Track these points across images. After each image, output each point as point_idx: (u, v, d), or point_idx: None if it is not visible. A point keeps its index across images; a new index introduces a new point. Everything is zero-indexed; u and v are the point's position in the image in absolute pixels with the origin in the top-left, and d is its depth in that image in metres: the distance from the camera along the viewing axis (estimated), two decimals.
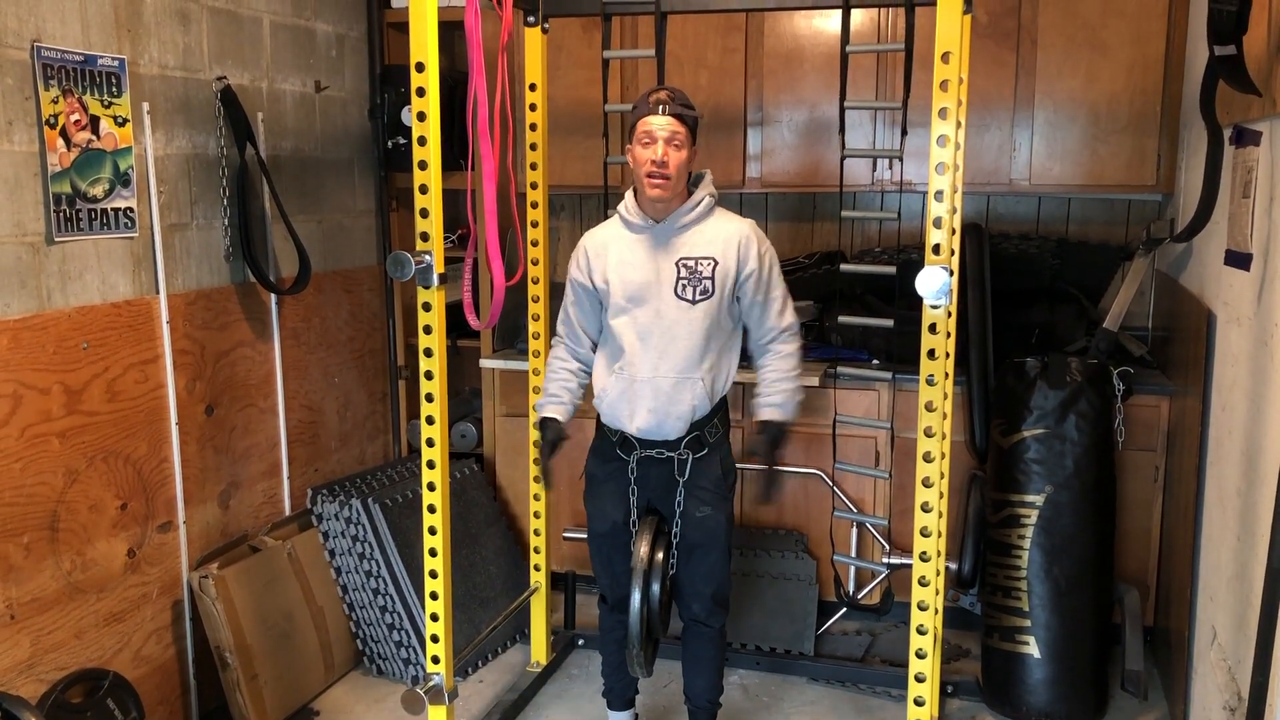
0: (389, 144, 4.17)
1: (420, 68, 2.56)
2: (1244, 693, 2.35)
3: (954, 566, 3.68)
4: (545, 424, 2.95)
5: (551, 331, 3.15)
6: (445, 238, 3.26)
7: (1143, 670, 3.40)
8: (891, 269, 3.17)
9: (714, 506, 2.86)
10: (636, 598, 2.76)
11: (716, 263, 2.76)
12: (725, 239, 2.78)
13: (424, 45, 2.55)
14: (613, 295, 2.82)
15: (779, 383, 2.85)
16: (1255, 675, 2.13)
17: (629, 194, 2.86)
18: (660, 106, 2.71)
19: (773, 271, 2.83)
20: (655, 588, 2.81)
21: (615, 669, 3.08)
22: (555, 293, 3.24)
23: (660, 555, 2.84)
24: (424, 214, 2.64)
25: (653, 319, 2.77)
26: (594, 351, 2.95)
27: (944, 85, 2.41)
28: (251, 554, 3.42)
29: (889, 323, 3.27)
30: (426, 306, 2.70)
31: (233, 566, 3.29)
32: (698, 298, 2.76)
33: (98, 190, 2.88)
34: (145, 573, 3.11)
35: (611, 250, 2.85)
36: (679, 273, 2.77)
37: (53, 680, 2.78)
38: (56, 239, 2.76)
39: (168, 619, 3.21)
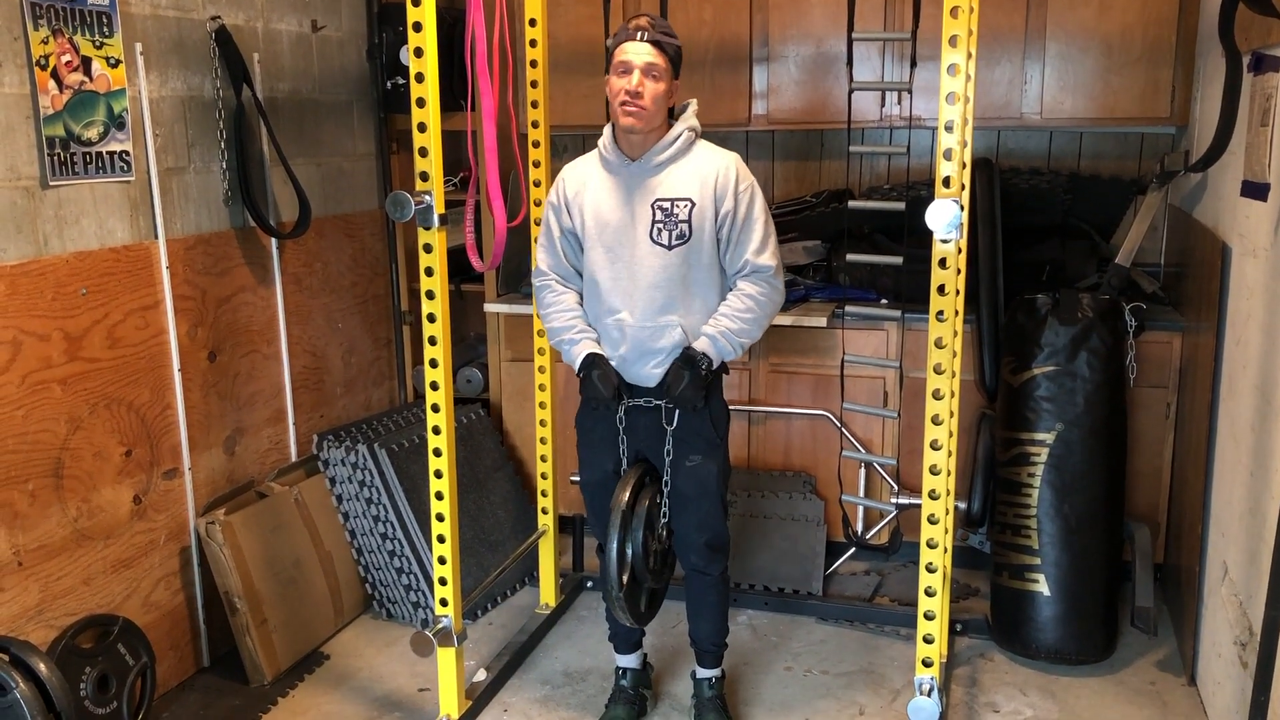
0: (388, 85, 4.10)
1: (416, 2, 2.50)
2: (1256, 627, 2.34)
3: (963, 505, 3.66)
4: (594, 365, 2.70)
5: None
6: (446, 180, 3.21)
7: (1152, 607, 3.39)
8: (900, 205, 3.11)
9: (704, 455, 2.77)
10: (614, 543, 2.66)
11: (694, 204, 2.63)
12: (703, 177, 2.64)
13: None
14: (587, 237, 2.72)
15: (722, 318, 2.67)
16: (1269, 610, 2.12)
17: (607, 129, 2.73)
18: (639, 33, 2.57)
19: (753, 209, 2.67)
20: (639, 535, 2.71)
21: None
22: None
23: (647, 503, 2.75)
24: (423, 153, 2.60)
25: (627, 264, 2.67)
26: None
27: (954, 12, 2.34)
28: (258, 500, 3.42)
29: (898, 260, 3.23)
30: (428, 248, 2.66)
31: (240, 512, 3.29)
32: (674, 242, 2.64)
33: (92, 133, 2.83)
34: (152, 519, 3.11)
35: (588, 190, 2.73)
36: (654, 215, 2.65)
37: (63, 626, 2.79)
38: (51, 183, 2.72)
39: (176, 565, 3.21)
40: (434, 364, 2.75)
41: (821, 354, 3.85)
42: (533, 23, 3.27)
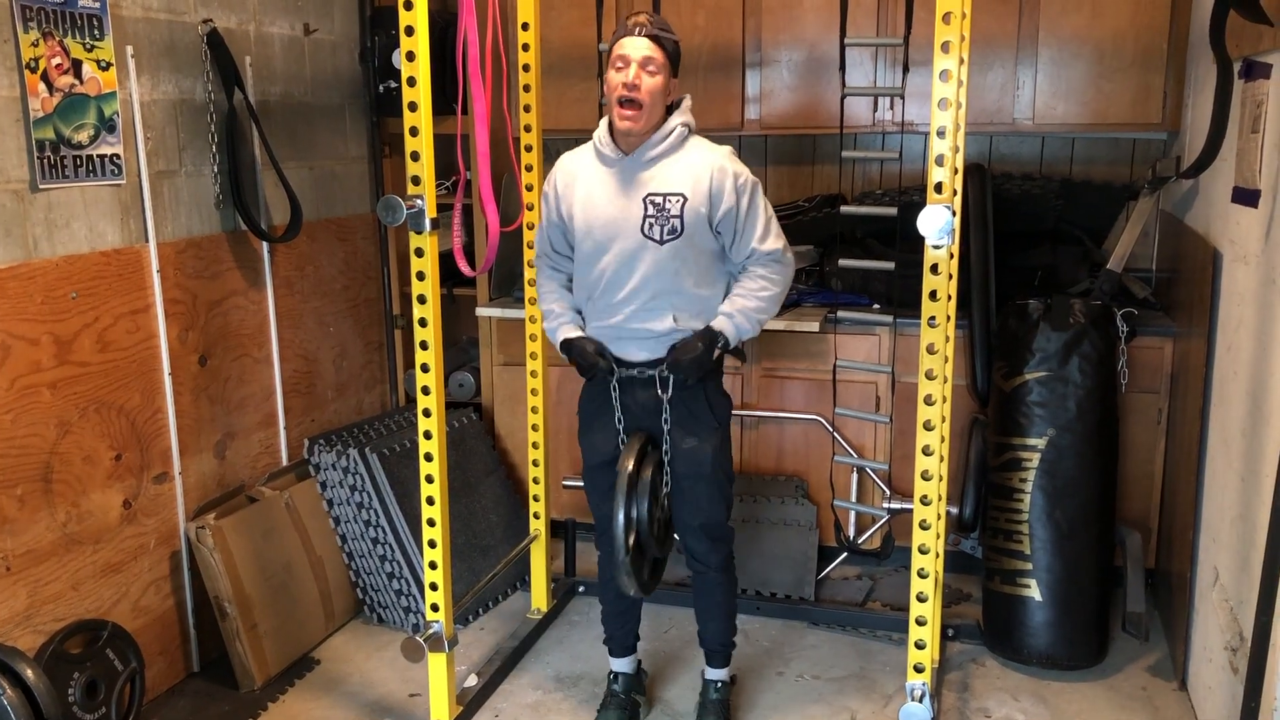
0: (380, 88, 4.09)
1: (409, 5, 2.49)
2: (1246, 632, 2.34)
3: (955, 510, 3.67)
4: (571, 345, 2.79)
5: None
6: (439, 184, 3.20)
7: (1144, 612, 3.40)
8: (892, 210, 3.12)
9: (700, 438, 2.78)
10: (620, 509, 2.66)
11: (685, 199, 2.64)
12: (696, 173, 2.65)
13: None
14: (578, 230, 2.74)
15: (738, 297, 2.72)
16: (1259, 615, 2.12)
17: (603, 122, 2.75)
18: (637, 29, 2.59)
19: (753, 201, 2.69)
20: (644, 502, 2.71)
21: (615, 616, 3.06)
22: None
23: (650, 471, 2.75)
24: (415, 157, 2.59)
25: (619, 257, 2.68)
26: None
27: (946, 18, 2.34)
28: (249, 504, 3.41)
29: (890, 266, 3.23)
30: (419, 252, 2.66)
31: (230, 517, 3.28)
32: (665, 237, 2.64)
33: (82, 136, 2.82)
34: (142, 524, 3.10)
35: (580, 183, 2.75)
36: (646, 210, 2.65)
37: (51, 631, 2.78)
38: (41, 186, 2.71)
39: (166, 570, 3.20)
40: (425, 368, 2.74)
41: (814, 359, 3.85)
42: (525, 26, 3.27)
